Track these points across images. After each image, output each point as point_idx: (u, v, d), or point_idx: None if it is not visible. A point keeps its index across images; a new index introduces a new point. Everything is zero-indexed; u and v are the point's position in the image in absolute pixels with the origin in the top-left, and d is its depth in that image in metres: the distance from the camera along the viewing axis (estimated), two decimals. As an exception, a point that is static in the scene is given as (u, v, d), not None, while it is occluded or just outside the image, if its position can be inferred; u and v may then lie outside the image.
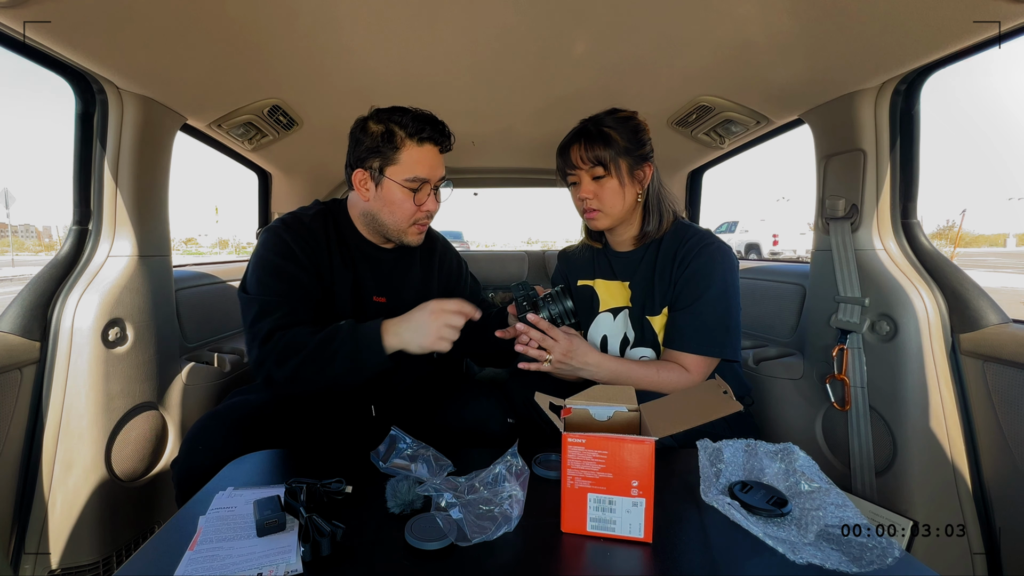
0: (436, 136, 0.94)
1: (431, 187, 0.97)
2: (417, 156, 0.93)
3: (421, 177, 0.94)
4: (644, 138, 1.00)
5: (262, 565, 0.53)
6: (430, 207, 0.98)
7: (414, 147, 0.93)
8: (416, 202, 0.95)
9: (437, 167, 0.96)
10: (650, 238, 1.04)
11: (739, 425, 1.01)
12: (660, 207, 1.03)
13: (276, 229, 0.96)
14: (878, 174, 1.06)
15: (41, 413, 0.98)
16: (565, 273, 1.20)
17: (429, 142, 0.94)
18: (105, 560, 1.03)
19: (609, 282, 1.10)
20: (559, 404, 0.68)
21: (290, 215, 1.01)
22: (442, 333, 0.84)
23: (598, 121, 0.99)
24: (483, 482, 0.64)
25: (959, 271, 1.01)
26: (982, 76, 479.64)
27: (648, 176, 1.01)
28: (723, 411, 0.66)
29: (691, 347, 0.94)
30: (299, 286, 0.92)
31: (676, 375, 0.93)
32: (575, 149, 0.99)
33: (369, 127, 0.94)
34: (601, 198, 0.99)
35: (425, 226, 1.01)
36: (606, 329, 1.08)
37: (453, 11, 0.89)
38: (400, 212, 0.96)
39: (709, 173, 1.98)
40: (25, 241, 60.11)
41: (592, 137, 0.97)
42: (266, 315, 0.88)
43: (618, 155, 0.97)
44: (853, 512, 0.60)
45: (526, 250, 2.47)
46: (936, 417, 0.97)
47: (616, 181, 0.98)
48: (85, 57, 0.90)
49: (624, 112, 1.01)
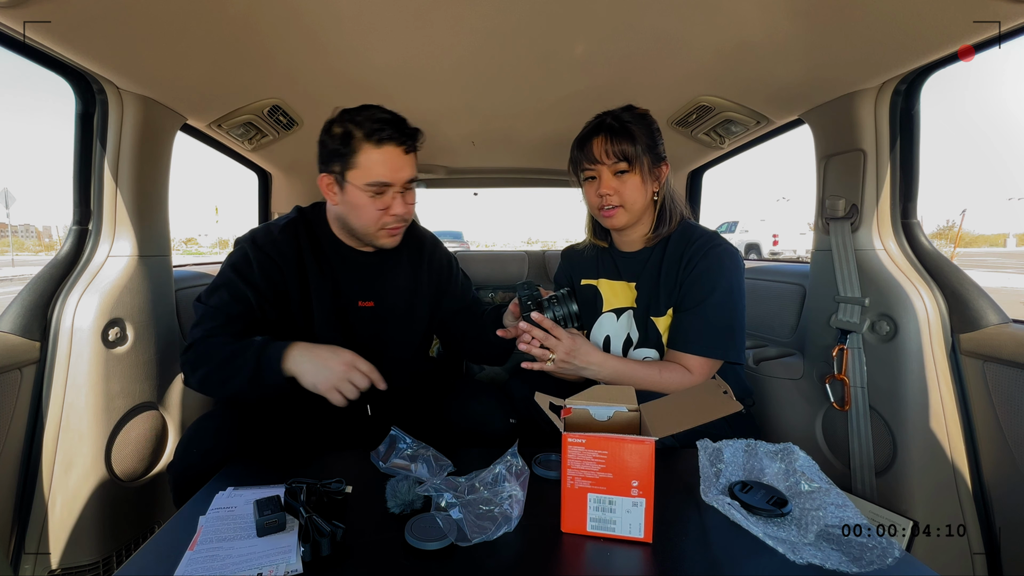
0: (396, 136, 0.90)
1: (396, 190, 0.93)
2: (376, 158, 0.89)
3: (381, 180, 0.90)
4: (659, 137, 1.00)
5: (262, 565, 0.53)
6: (397, 210, 0.93)
7: (372, 149, 0.89)
8: (379, 206, 0.92)
9: (401, 168, 0.91)
10: (660, 238, 1.04)
11: (739, 426, 1.01)
12: (673, 207, 1.03)
13: (243, 244, 0.97)
14: (878, 174, 1.06)
15: (41, 413, 0.98)
16: (569, 271, 1.20)
17: (390, 143, 0.89)
18: (105, 560, 1.03)
19: (614, 282, 1.09)
20: (559, 404, 0.68)
21: (262, 228, 1.00)
22: (341, 386, 0.81)
23: (618, 116, 0.98)
24: (483, 482, 0.64)
25: (959, 271, 1.01)
26: (982, 76, 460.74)
27: (664, 175, 1.01)
28: (723, 411, 0.66)
29: (695, 348, 0.94)
30: (241, 301, 0.91)
31: (678, 376, 0.93)
32: (598, 143, 0.97)
33: (332, 129, 0.92)
34: (622, 194, 0.97)
35: (397, 229, 0.98)
36: (609, 329, 1.07)
37: (453, 11, 0.89)
38: (366, 216, 0.93)
39: (709, 173, 1.98)
40: (25, 241, 60.11)
41: (616, 131, 0.96)
42: (199, 324, 0.90)
43: (643, 152, 0.96)
44: (853, 512, 0.60)
45: (526, 250, 2.47)
46: (936, 417, 0.97)
47: (639, 177, 0.97)
48: (85, 57, 0.90)
49: (640, 109, 1.01)
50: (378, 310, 1.03)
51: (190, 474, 0.81)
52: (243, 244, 0.97)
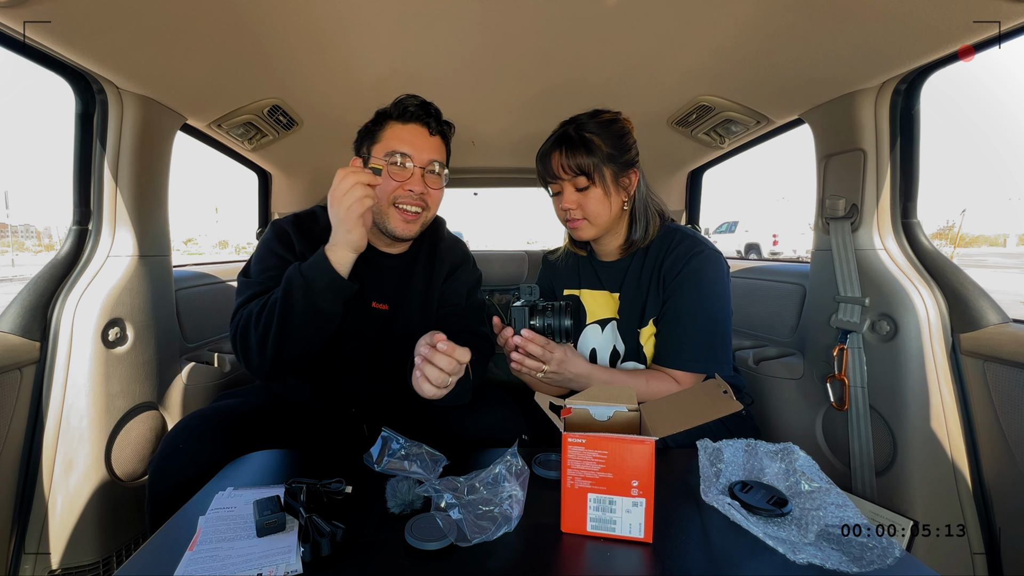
0: (422, 115, 0.93)
1: (415, 166, 0.92)
2: (399, 132, 0.92)
3: (400, 151, 0.91)
4: (629, 142, 0.95)
5: (262, 565, 0.53)
6: (414, 186, 0.92)
7: (397, 125, 0.93)
8: (395, 176, 0.91)
9: (423, 147, 0.93)
10: (636, 247, 1.01)
11: (739, 426, 1.01)
12: (647, 214, 0.99)
13: (282, 223, 0.97)
14: (878, 174, 1.06)
15: (41, 413, 0.98)
16: (550, 278, 1.17)
17: (415, 121, 0.93)
18: (105, 560, 1.03)
19: (596, 292, 1.07)
20: (559, 404, 0.68)
21: (305, 213, 1.02)
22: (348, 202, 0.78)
23: (580, 126, 0.94)
24: (483, 482, 0.64)
25: (959, 271, 1.01)
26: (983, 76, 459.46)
27: (634, 183, 0.97)
28: (723, 411, 0.66)
29: (676, 363, 0.93)
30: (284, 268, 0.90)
31: (665, 385, 0.92)
32: (556, 157, 0.94)
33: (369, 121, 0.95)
34: (585, 208, 0.95)
35: (414, 216, 0.94)
36: (594, 342, 1.05)
37: (453, 11, 0.89)
38: (381, 190, 0.91)
39: (709, 173, 1.97)
40: (25, 241, 60.11)
41: (574, 144, 0.92)
42: (240, 294, 0.89)
43: (602, 163, 0.92)
44: (853, 512, 0.60)
45: (526, 250, 2.47)
46: (936, 417, 0.97)
47: (600, 190, 0.93)
48: (85, 57, 0.90)
49: (608, 114, 0.97)
50: (391, 313, 1.01)
51: (171, 491, 0.76)
52: (280, 224, 0.97)
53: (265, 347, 0.81)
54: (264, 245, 0.95)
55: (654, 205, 1.02)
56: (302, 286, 0.79)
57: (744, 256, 7.63)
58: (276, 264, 0.90)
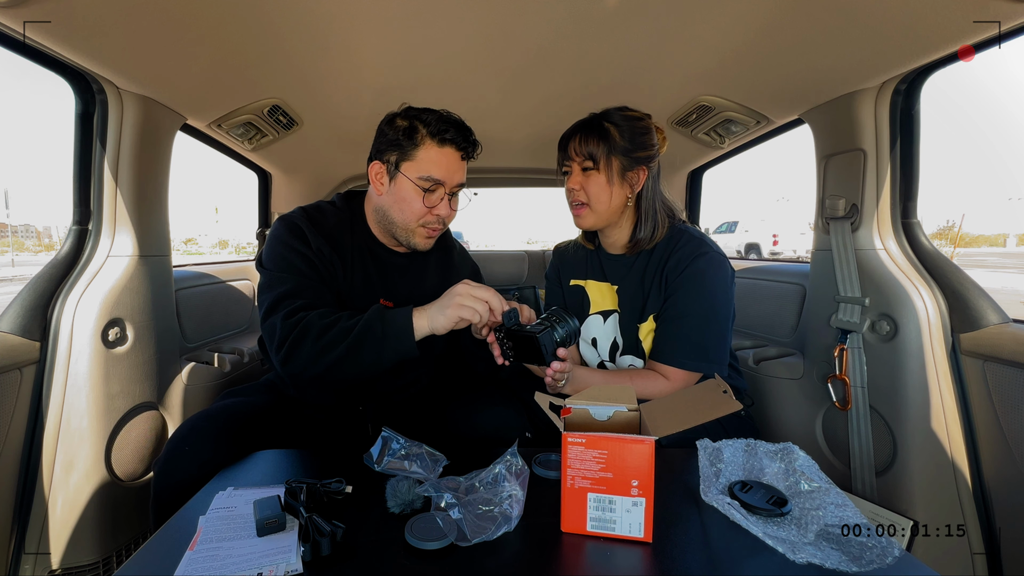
0: (459, 140, 0.92)
1: (446, 191, 0.94)
2: (435, 156, 0.91)
3: (435, 178, 0.91)
4: (647, 141, 0.98)
5: (262, 565, 0.53)
6: (441, 211, 0.94)
7: (433, 147, 0.91)
8: (427, 203, 0.92)
9: (455, 172, 0.93)
10: (642, 246, 1.02)
11: (738, 426, 1.01)
12: (654, 216, 1.00)
13: (292, 217, 0.96)
14: (878, 174, 1.06)
15: (41, 413, 0.98)
16: (558, 269, 1.20)
17: (451, 145, 0.92)
18: (105, 560, 1.03)
19: (599, 283, 1.09)
20: (559, 404, 0.68)
21: (311, 206, 1.01)
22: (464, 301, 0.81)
23: (604, 115, 0.98)
24: (483, 482, 0.64)
25: (959, 271, 1.01)
26: (983, 76, 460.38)
27: (641, 180, 0.99)
28: (723, 411, 0.66)
29: (673, 360, 0.93)
30: (316, 274, 0.93)
31: (653, 384, 0.93)
32: (574, 140, 0.98)
33: (396, 122, 0.93)
34: (587, 191, 0.98)
35: (435, 231, 0.98)
36: (596, 332, 1.07)
37: (453, 11, 0.89)
38: (409, 210, 0.93)
39: (709, 173, 1.98)
40: (25, 241, 60.09)
41: (590, 130, 0.97)
42: (270, 288, 0.89)
43: (611, 152, 0.95)
44: (853, 512, 0.60)
45: (526, 250, 2.47)
46: (936, 417, 0.97)
47: (604, 177, 0.96)
48: (85, 57, 0.90)
49: (634, 112, 1.00)
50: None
51: (175, 491, 0.77)
52: (294, 219, 0.96)
53: (317, 363, 0.83)
54: (279, 242, 0.93)
55: (664, 208, 1.02)
56: (379, 336, 0.81)
57: (744, 256, 7.63)
58: (295, 260, 0.91)
